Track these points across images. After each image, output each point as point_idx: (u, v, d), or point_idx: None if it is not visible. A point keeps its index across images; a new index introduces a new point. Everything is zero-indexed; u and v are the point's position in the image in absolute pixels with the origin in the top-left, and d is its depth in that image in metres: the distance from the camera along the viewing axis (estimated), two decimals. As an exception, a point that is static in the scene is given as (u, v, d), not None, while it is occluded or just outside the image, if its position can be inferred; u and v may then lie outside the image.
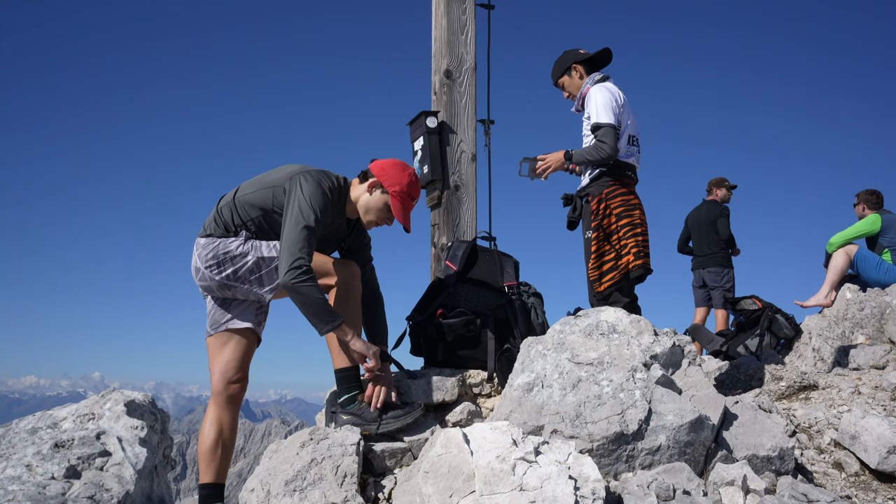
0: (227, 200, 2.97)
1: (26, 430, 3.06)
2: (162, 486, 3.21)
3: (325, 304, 2.70)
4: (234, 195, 2.96)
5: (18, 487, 2.63)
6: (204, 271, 2.87)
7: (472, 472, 2.11)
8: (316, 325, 2.71)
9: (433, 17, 4.16)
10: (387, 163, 2.97)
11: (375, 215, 2.95)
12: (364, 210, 2.96)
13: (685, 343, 2.96)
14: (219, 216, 2.93)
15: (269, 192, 2.86)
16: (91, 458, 2.88)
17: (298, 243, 2.67)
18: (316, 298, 2.66)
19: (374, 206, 2.94)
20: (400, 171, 2.94)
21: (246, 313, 2.95)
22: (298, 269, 2.62)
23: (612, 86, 3.75)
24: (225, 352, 2.87)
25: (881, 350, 4.49)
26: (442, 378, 3.15)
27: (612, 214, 3.61)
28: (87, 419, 3.14)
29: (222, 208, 2.94)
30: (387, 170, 2.93)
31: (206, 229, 2.94)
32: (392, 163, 2.98)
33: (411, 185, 2.95)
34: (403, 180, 2.92)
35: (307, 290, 2.63)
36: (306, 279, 2.63)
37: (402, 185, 2.91)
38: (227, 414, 2.85)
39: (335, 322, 2.70)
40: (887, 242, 5.88)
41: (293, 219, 2.72)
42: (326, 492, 2.35)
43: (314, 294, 2.65)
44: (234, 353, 2.87)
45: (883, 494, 2.67)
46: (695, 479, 2.29)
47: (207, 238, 2.90)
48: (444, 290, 3.43)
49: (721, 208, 7.25)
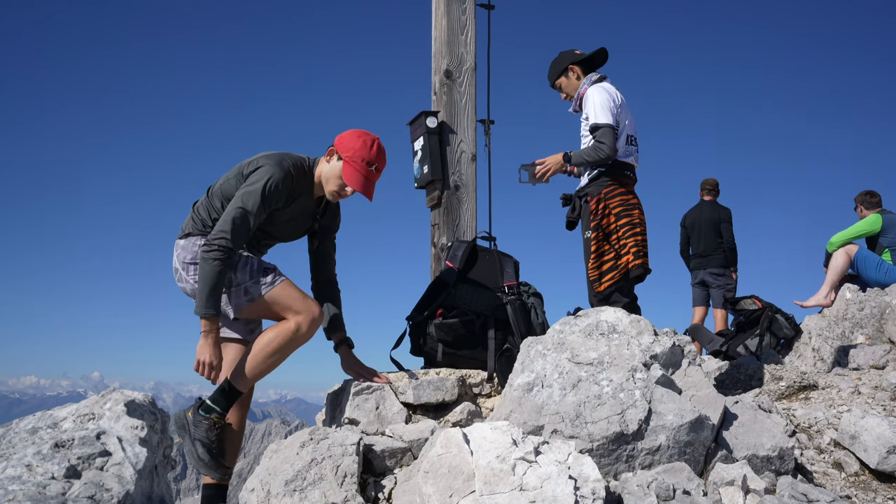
0: (201, 198, 2.96)
1: (26, 430, 3.06)
2: (162, 486, 3.21)
3: (215, 292, 2.65)
4: (207, 191, 2.95)
5: (19, 487, 2.63)
6: (181, 272, 2.85)
7: (472, 472, 2.11)
8: (196, 301, 2.67)
9: (433, 17, 4.16)
10: (347, 132, 2.90)
11: (334, 184, 2.88)
12: (325, 181, 2.90)
13: (685, 343, 2.96)
14: (196, 214, 2.91)
15: (235, 180, 2.84)
16: (91, 458, 2.88)
17: (229, 223, 2.66)
18: (212, 281, 2.62)
19: (330, 174, 2.88)
20: (356, 137, 2.86)
21: (236, 324, 2.93)
22: (218, 246, 2.62)
23: (610, 86, 3.75)
24: (226, 357, 2.85)
25: (881, 350, 4.50)
26: (442, 378, 3.15)
27: (611, 214, 3.61)
28: (87, 419, 3.14)
29: (198, 207, 2.92)
30: (344, 138, 2.87)
31: (185, 230, 2.91)
32: (352, 132, 2.89)
33: (365, 148, 2.83)
34: (356, 145, 2.83)
35: (210, 267, 2.62)
36: (218, 258, 2.62)
37: (354, 149, 2.82)
38: (233, 415, 2.84)
39: (208, 311, 2.64)
40: (888, 242, 5.87)
41: (238, 197, 2.72)
42: (326, 492, 2.35)
43: (213, 276, 2.62)
44: (229, 363, 2.84)
45: (883, 494, 2.67)
46: (695, 479, 2.29)
47: (186, 239, 2.87)
48: (444, 290, 3.43)
49: (725, 211, 7.14)
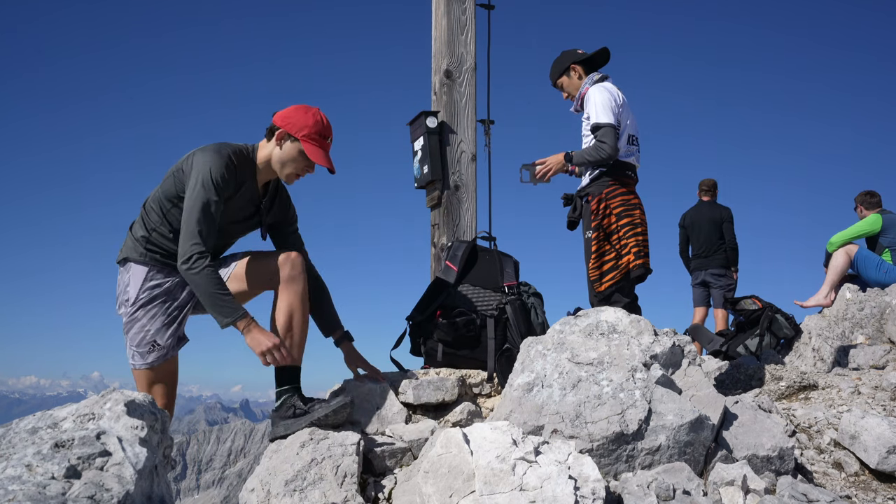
0: (137, 218, 2.86)
1: (26, 430, 3.06)
2: (162, 486, 3.21)
3: (223, 296, 2.55)
4: (142, 206, 2.85)
5: (19, 487, 2.63)
6: (118, 301, 2.83)
7: (472, 472, 2.11)
8: (217, 319, 2.59)
9: (433, 17, 4.16)
10: (288, 110, 2.79)
11: (293, 167, 2.79)
12: (280, 165, 2.79)
13: (685, 343, 2.96)
14: (132, 234, 2.83)
15: (171, 179, 2.74)
16: (91, 458, 2.88)
17: (192, 225, 2.56)
18: (213, 291, 2.53)
19: (287, 157, 2.77)
20: (303, 113, 2.76)
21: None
22: (195, 258, 2.53)
23: (611, 86, 3.75)
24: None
25: (881, 350, 4.49)
26: (442, 378, 3.15)
27: (612, 214, 3.61)
28: (87, 419, 3.14)
29: (135, 226, 2.84)
30: (290, 117, 2.76)
31: (122, 254, 2.84)
32: (293, 109, 2.79)
33: (318, 124, 2.76)
34: (309, 122, 2.74)
35: (202, 280, 2.52)
36: (202, 268, 2.52)
37: (308, 126, 2.73)
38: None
39: (234, 316, 2.56)
40: (887, 242, 5.87)
41: (190, 198, 2.60)
42: (326, 492, 2.35)
43: (210, 286, 2.53)
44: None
45: (883, 494, 2.67)
46: (695, 479, 2.29)
47: (123, 266, 2.82)
48: (444, 290, 3.43)
49: (726, 211, 7.13)
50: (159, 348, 2.79)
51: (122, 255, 2.83)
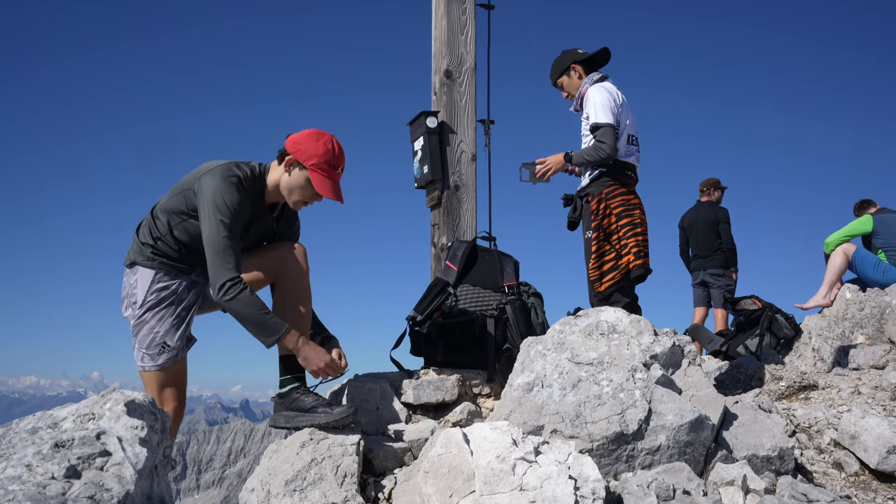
0: (144, 218, 2.86)
1: (26, 430, 3.06)
2: (162, 486, 3.20)
3: (264, 315, 2.56)
4: (152, 209, 2.84)
5: (19, 487, 2.63)
6: (124, 302, 2.84)
7: (472, 472, 2.11)
8: (260, 339, 2.58)
9: (433, 17, 4.16)
10: (300, 135, 2.74)
11: (300, 194, 2.76)
12: (287, 192, 2.77)
13: (685, 343, 2.96)
14: (138, 238, 2.83)
15: (181, 196, 2.72)
16: (91, 458, 2.88)
17: (221, 256, 2.54)
18: (253, 313, 2.53)
19: (295, 185, 2.74)
20: (314, 140, 2.71)
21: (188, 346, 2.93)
22: (228, 286, 2.52)
23: (611, 85, 3.75)
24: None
25: (881, 350, 4.49)
26: (442, 378, 3.15)
27: (612, 214, 3.61)
28: (87, 419, 3.14)
29: (142, 229, 2.83)
30: (300, 143, 2.71)
31: (129, 257, 2.84)
32: (306, 134, 2.74)
33: (328, 153, 2.71)
34: (318, 150, 2.69)
35: (241, 307, 2.52)
36: (237, 294, 2.51)
37: (318, 155, 2.69)
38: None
39: (279, 332, 2.57)
40: (880, 244, 5.90)
41: (208, 230, 2.57)
42: (326, 492, 2.35)
43: (250, 309, 2.53)
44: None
45: (883, 494, 2.67)
46: (695, 479, 2.29)
47: (131, 268, 2.82)
48: (444, 289, 3.43)
49: (722, 212, 7.18)
50: (170, 349, 2.80)
51: (130, 258, 2.83)
